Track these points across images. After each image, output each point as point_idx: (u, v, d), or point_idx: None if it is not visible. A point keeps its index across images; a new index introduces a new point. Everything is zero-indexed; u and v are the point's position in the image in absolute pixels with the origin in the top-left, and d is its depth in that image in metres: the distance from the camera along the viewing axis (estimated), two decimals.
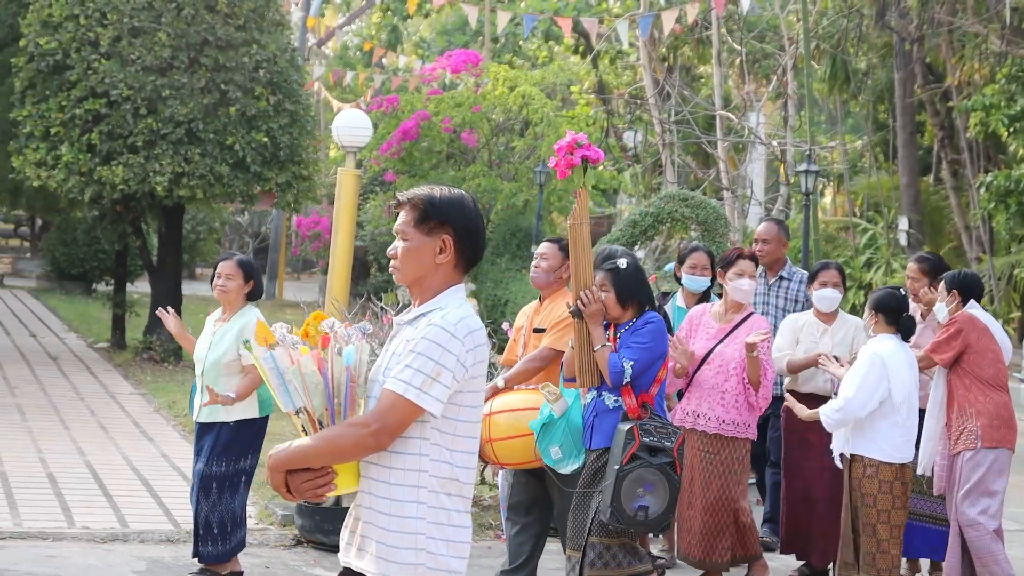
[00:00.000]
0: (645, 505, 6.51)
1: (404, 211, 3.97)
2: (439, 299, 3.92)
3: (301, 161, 17.18)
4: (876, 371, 7.31)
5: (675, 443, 6.57)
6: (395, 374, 3.78)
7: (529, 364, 7.38)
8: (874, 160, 30.39)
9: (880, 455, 7.37)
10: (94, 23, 16.42)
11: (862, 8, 26.53)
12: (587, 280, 6.70)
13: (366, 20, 42.44)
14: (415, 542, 3.81)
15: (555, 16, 28.52)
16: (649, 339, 6.69)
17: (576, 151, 6.65)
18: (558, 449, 6.69)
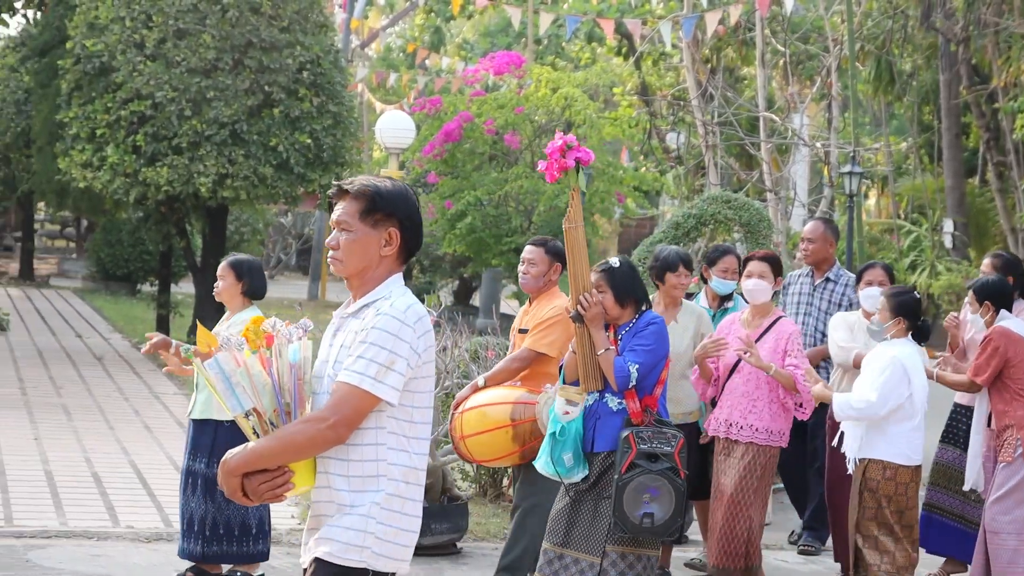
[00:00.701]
0: (651, 512, 6.42)
1: (346, 202, 3.92)
2: (382, 288, 3.91)
3: (344, 162, 17.24)
4: (897, 375, 7.26)
5: (675, 447, 6.48)
6: (348, 366, 3.76)
7: (509, 364, 7.38)
8: (919, 162, 30.19)
9: (900, 458, 7.34)
10: (140, 25, 16.53)
11: (907, 9, 26.37)
12: (586, 283, 6.63)
13: (409, 22, 42.53)
14: (364, 524, 3.79)
15: (598, 17, 28.46)
16: (652, 341, 6.62)
17: (568, 153, 6.56)
18: (571, 456, 6.59)
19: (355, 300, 3.96)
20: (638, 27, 25.37)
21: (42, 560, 7.96)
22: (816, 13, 26.27)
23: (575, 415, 6.57)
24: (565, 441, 6.57)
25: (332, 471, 3.82)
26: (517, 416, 7.04)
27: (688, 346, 8.18)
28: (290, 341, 3.86)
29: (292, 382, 3.81)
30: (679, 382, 8.19)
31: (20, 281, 30.10)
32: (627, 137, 24.70)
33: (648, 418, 6.56)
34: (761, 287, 8.00)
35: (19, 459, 10.63)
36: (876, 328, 7.48)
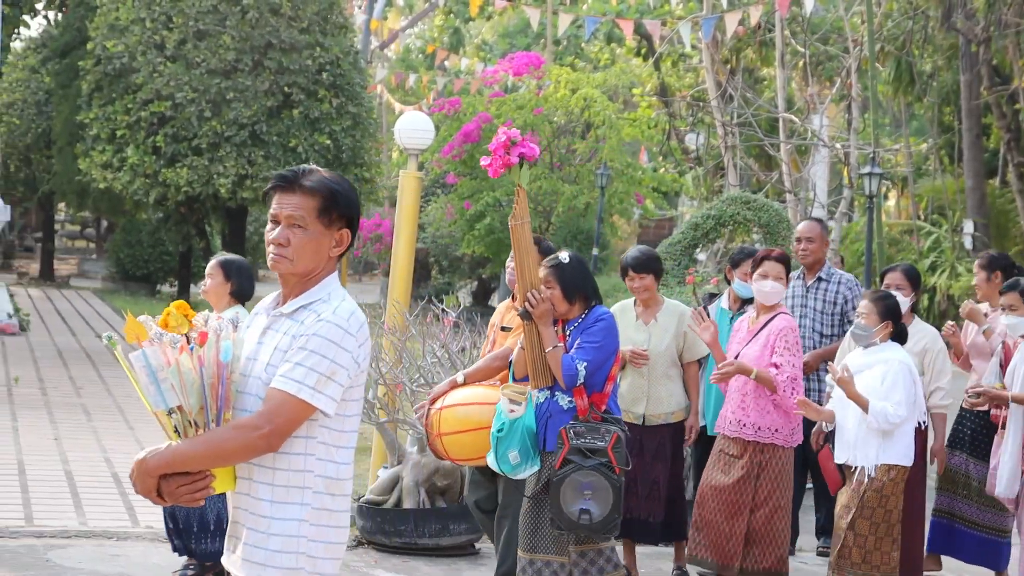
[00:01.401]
0: (587, 509, 6.33)
1: (299, 196, 3.71)
2: (319, 289, 3.70)
3: (363, 163, 17.28)
4: (910, 379, 7.24)
5: (608, 442, 6.36)
6: (286, 372, 3.57)
7: (491, 362, 7.28)
8: (939, 163, 30.11)
9: (904, 459, 7.30)
10: (160, 27, 16.59)
11: (928, 10, 26.30)
12: (533, 280, 6.55)
13: (428, 23, 42.58)
14: (296, 545, 3.63)
15: (617, 18, 28.47)
16: (601, 337, 6.49)
17: (513, 149, 6.50)
18: (516, 454, 6.49)
19: (289, 299, 3.73)
20: (657, 28, 25.35)
21: (62, 560, 7.99)
22: (836, 14, 26.23)
23: (520, 413, 6.48)
24: (511, 438, 6.47)
25: (256, 478, 3.65)
26: None
27: (669, 346, 8.10)
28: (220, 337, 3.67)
29: (221, 381, 3.63)
30: (660, 382, 8.11)
31: (40, 281, 30.20)
32: (646, 138, 24.69)
33: (591, 414, 6.45)
34: (777, 289, 7.89)
35: (39, 459, 10.66)
36: (863, 332, 7.34)
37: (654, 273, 8.13)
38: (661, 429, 8.15)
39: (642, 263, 8.10)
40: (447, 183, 24.04)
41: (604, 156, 22.85)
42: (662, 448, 8.15)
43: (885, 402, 7.20)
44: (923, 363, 7.97)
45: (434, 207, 24.32)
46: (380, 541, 8.79)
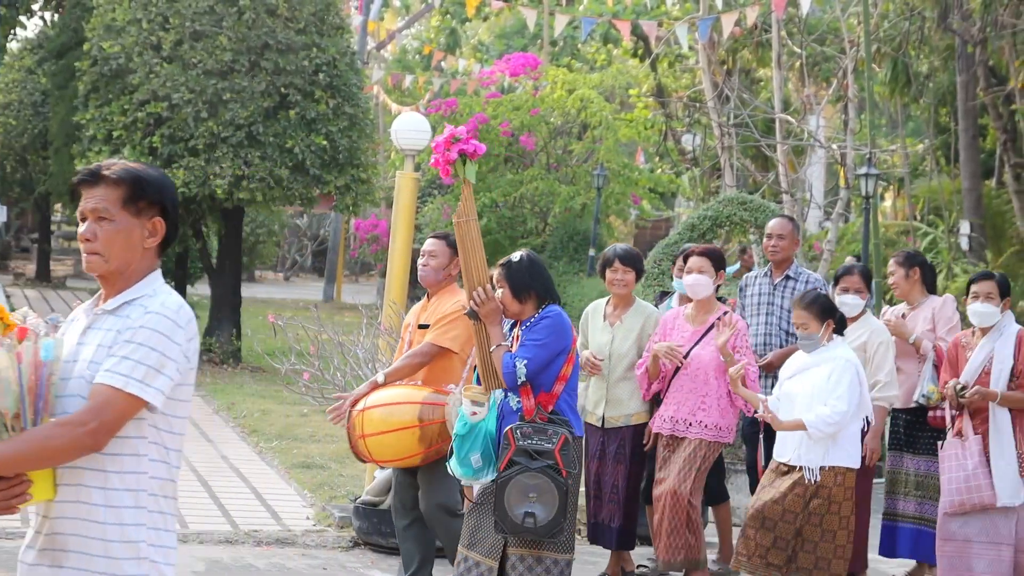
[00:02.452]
0: (532, 512, 6.22)
1: (103, 189, 3.53)
2: (144, 285, 3.56)
3: (360, 164, 17.26)
4: (856, 379, 7.17)
5: (556, 444, 6.25)
6: (111, 367, 3.40)
7: (411, 360, 7.23)
8: (935, 164, 30.12)
9: (851, 462, 7.24)
10: (156, 27, 16.57)
11: (924, 11, 26.31)
12: (480, 278, 6.45)
13: (425, 24, 42.57)
14: (137, 551, 3.44)
15: (614, 19, 28.46)
16: (544, 335, 6.37)
17: (453, 146, 6.48)
18: (479, 457, 6.38)
19: (111, 297, 3.57)
20: (654, 29, 25.35)
21: None
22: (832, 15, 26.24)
23: (483, 415, 6.40)
24: (473, 442, 6.39)
25: (87, 483, 3.42)
26: (426, 417, 6.90)
27: (631, 348, 8.08)
28: (41, 336, 3.52)
29: (40, 382, 3.41)
30: (620, 383, 8.11)
31: (37, 282, 30.18)
32: (643, 139, 24.70)
33: (539, 415, 6.35)
34: (701, 282, 7.89)
35: None
36: (809, 341, 7.27)
37: (637, 271, 8.12)
38: (621, 431, 8.13)
39: (631, 256, 8.11)
40: (444, 184, 24.04)
41: (601, 157, 22.85)
42: (621, 450, 8.13)
43: (818, 409, 7.08)
44: (865, 356, 7.97)
45: (430, 208, 24.31)
46: (376, 542, 8.79)
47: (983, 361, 7.67)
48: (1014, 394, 7.58)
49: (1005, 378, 7.59)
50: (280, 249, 38.81)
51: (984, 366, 7.65)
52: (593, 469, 8.18)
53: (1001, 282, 7.80)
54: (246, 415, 13.73)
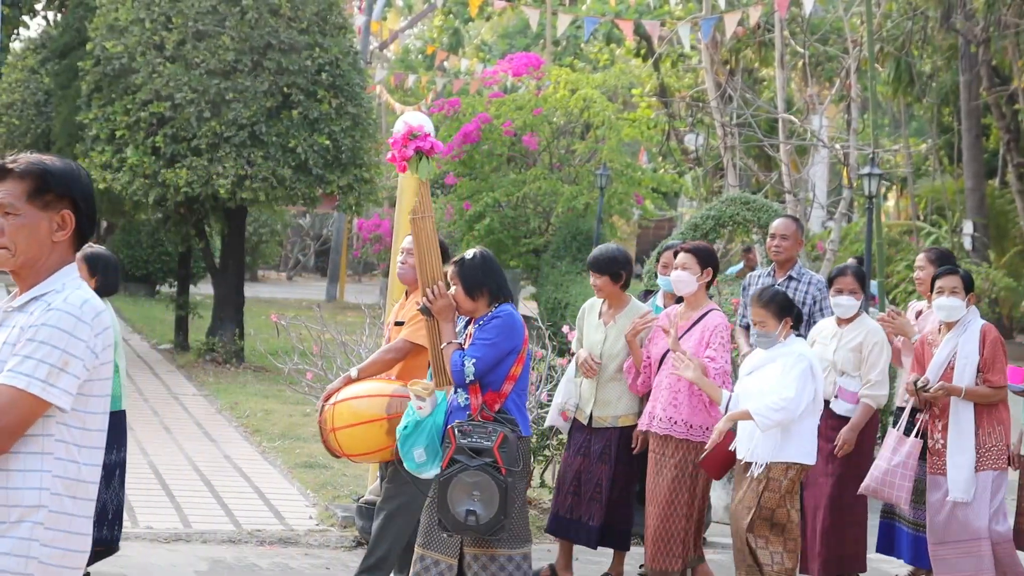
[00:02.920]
0: (474, 510, 6.19)
1: (10, 183, 3.47)
2: (54, 280, 3.47)
3: (363, 164, 17.25)
4: (808, 373, 7.11)
5: (494, 442, 6.25)
6: (13, 367, 3.31)
7: (384, 356, 7.24)
8: (939, 163, 30.11)
9: (803, 458, 7.20)
10: (159, 27, 16.57)
11: (927, 10, 26.30)
12: (434, 275, 6.47)
13: (428, 23, 42.57)
14: (27, 549, 3.35)
15: (616, 19, 28.46)
16: (494, 335, 6.35)
17: (410, 143, 6.50)
18: (422, 452, 6.41)
19: (22, 292, 3.50)
20: (657, 28, 25.35)
21: None
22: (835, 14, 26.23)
23: (427, 411, 6.41)
24: (418, 436, 6.41)
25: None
26: (394, 410, 6.89)
27: (623, 348, 8.09)
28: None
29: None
30: (610, 384, 8.12)
31: None
32: (646, 138, 24.68)
33: (483, 413, 6.34)
34: (683, 278, 7.87)
35: None
36: (767, 339, 7.23)
37: (610, 275, 8.06)
38: (608, 432, 8.12)
39: (599, 263, 8.08)
40: (446, 184, 24.02)
41: (603, 157, 22.84)
42: (607, 450, 8.11)
43: (761, 400, 7.02)
44: (860, 356, 7.97)
45: (434, 207, 24.30)
46: None
47: (947, 357, 7.63)
48: (979, 389, 7.55)
49: (970, 373, 7.56)
50: (283, 249, 38.81)
51: (949, 361, 7.61)
52: (574, 465, 8.18)
53: (965, 277, 7.77)
54: (249, 415, 13.73)
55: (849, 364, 8.00)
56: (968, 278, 7.78)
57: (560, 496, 8.26)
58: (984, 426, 7.53)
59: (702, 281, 7.94)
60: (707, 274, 7.96)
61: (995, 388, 7.57)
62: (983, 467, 7.48)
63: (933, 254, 8.76)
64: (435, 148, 6.61)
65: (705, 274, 7.94)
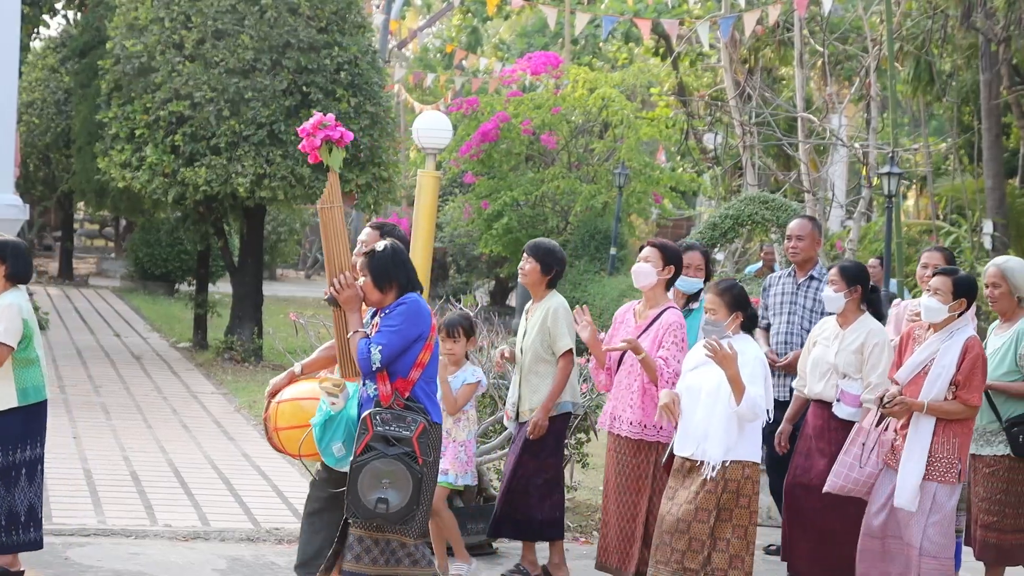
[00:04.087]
0: (385, 498, 6.21)
1: None
2: None
3: (381, 163, 17.26)
4: (765, 372, 7.01)
5: (414, 432, 6.27)
6: None
7: (326, 352, 7.21)
8: (958, 163, 30.00)
9: (756, 456, 7.07)
10: (178, 26, 16.61)
11: (947, 9, 26.20)
12: (342, 265, 6.46)
13: (446, 22, 42.58)
14: None
15: (635, 18, 28.42)
16: (399, 321, 6.36)
17: (319, 132, 6.50)
18: (341, 446, 6.42)
19: None
20: (675, 27, 25.31)
21: (81, 558, 8.01)
22: (855, 13, 26.16)
23: (341, 405, 6.42)
24: (335, 431, 6.42)
25: None
26: None
27: (535, 340, 8.08)
28: None
29: None
30: (528, 377, 8.11)
31: (59, 280, 30.30)
32: (664, 138, 24.65)
33: (396, 401, 6.35)
34: (643, 270, 7.76)
35: (58, 458, 10.69)
36: (714, 328, 7.05)
37: (542, 264, 8.05)
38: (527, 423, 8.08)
39: (537, 249, 8.12)
40: (465, 182, 24.03)
41: (622, 156, 22.81)
42: (520, 440, 8.09)
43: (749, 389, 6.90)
44: (862, 358, 7.81)
45: (452, 206, 24.32)
46: None
47: (924, 360, 7.36)
48: (941, 405, 7.24)
49: (942, 385, 7.26)
50: (301, 247, 38.86)
51: (924, 366, 7.34)
52: (511, 463, 8.20)
53: (959, 282, 7.41)
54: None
55: (851, 367, 7.85)
56: (964, 283, 7.42)
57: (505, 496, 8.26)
58: (939, 436, 7.25)
59: (662, 277, 7.81)
60: (668, 271, 7.83)
61: (966, 407, 7.26)
62: (930, 477, 7.22)
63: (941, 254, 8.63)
64: (345, 138, 6.62)
65: (666, 271, 7.82)
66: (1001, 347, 7.91)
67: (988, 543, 7.80)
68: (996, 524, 7.76)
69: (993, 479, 7.78)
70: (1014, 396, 7.77)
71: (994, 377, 7.77)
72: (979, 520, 7.83)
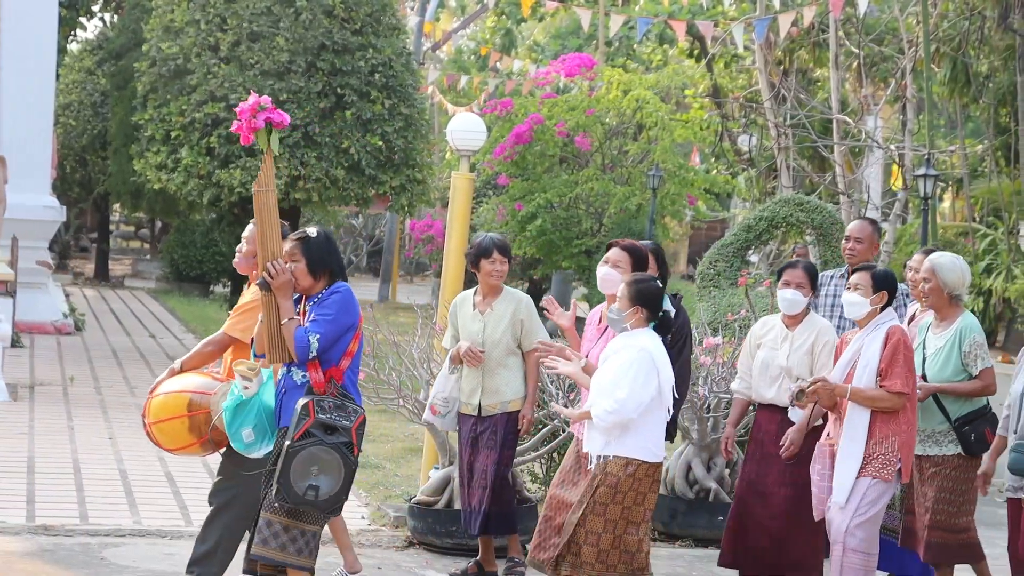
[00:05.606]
0: (316, 485, 6.20)
1: None
2: None
3: (415, 164, 17.30)
4: (647, 368, 6.80)
5: (354, 423, 6.27)
6: None
7: (203, 348, 7.16)
8: (995, 164, 29.81)
9: (646, 454, 6.88)
10: (214, 28, 16.69)
11: (984, 10, 26.06)
12: (275, 251, 6.43)
13: (480, 24, 42.63)
14: None
15: (669, 19, 28.38)
16: (334, 310, 6.37)
17: (259, 114, 6.44)
18: (251, 431, 6.41)
19: None
20: (710, 29, 25.26)
21: (116, 558, 8.05)
22: (891, 15, 26.06)
23: (254, 390, 6.41)
24: (246, 416, 6.40)
25: None
26: (194, 405, 6.84)
27: (504, 334, 8.03)
28: None
29: None
30: (496, 372, 8.05)
31: (96, 282, 30.47)
32: (698, 139, 24.61)
33: (332, 389, 6.36)
34: (612, 277, 7.52)
35: (94, 458, 10.75)
36: (615, 317, 6.94)
37: (511, 261, 8.11)
38: (494, 418, 8.07)
39: (503, 248, 8.10)
40: (499, 184, 24.04)
41: (656, 157, 22.78)
42: (493, 435, 8.06)
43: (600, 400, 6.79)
44: (811, 359, 7.64)
45: (486, 208, 24.33)
46: (431, 542, 8.80)
47: (851, 358, 7.22)
48: (863, 391, 7.08)
49: (869, 376, 7.10)
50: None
51: (853, 363, 7.20)
52: (465, 457, 8.16)
53: (878, 275, 7.28)
54: None
55: (804, 369, 7.63)
56: (881, 277, 7.27)
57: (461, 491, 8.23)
58: (876, 434, 7.09)
59: None
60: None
61: (892, 394, 7.08)
62: (863, 473, 7.07)
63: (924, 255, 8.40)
64: (284, 121, 6.53)
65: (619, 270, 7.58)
66: (944, 347, 7.73)
67: (934, 543, 7.61)
68: (943, 523, 7.59)
69: (940, 479, 7.60)
70: (963, 396, 7.61)
71: (940, 379, 7.64)
72: (925, 521, 7.64)
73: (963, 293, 7.82)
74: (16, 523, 8.73)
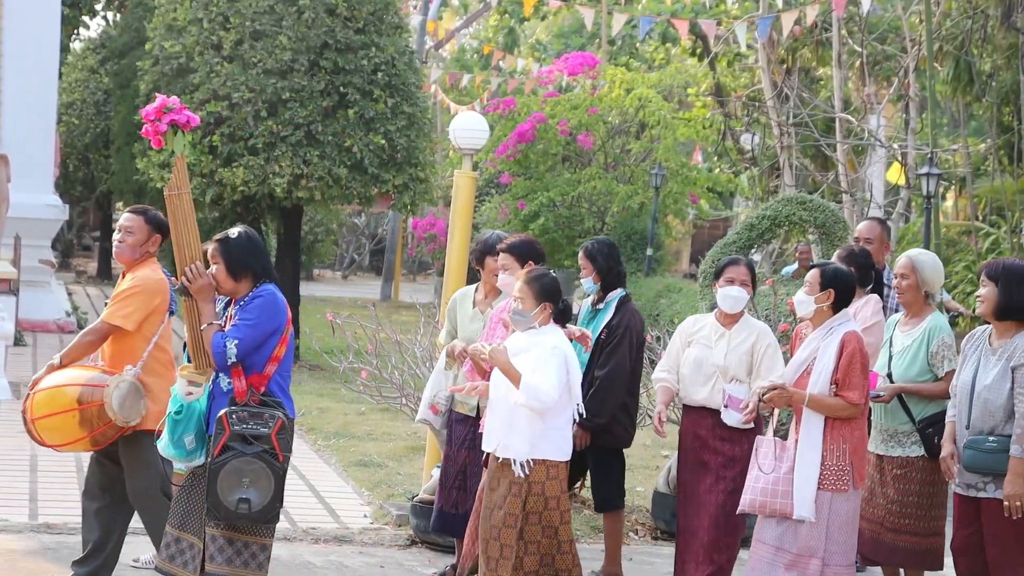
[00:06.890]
0: (247, 498, 6.05)
1: None
2: None
3: (418, 163, 17.28)
4: (563, 366, 6.73)
5: (272, 428, 6.10)
6: None
7: (83, 339, 7.06)
8: (998, 163, 29.80)
9: (561, 455, 6.83)
10: (217, 27, 16.68)
11: (987, 9, 26.04)
12: (192, 254, 6.28)
13: (483, 23, 42.63)
14: None
15: (672, 18, 28.38)
16: (255, 315, 6.19)
17: (164, 116, 6.31)
18: (192, 438, 6.24)
19: None
20: (713, 27, 25.25)
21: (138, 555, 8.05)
22: (894, 13, 26.04)
23: (198, 395, 6.24)
24: (187, 422, 6.23)
25: None
26: (85, 399, 6.75)
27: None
28: None
29: None
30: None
31: (98, 280, 30.49)
32: (701, 138, 24.61)
33: (252, 398, 6.19)
34: (507, 280, 7.52)
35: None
36: (521, 318, 6.85)
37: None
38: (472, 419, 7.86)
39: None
40: (501, 183, 24.05)
41: (659, 156, 22.79)
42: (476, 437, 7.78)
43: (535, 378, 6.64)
44: (752, 360, 7.52)
45: (488, 207, 24.34)
46: (433, 540, 8.80)
47: (806, 359, 7.05)
48: (824, 399, 6.91)
49: (824, 381, 6.93)
50: (338, 248, 38.99)
51: (807, 365, 7.03)
52: (459, 460, 7.94)
53: (826, 273, 7.07)
54: (304, 413, 13.79)
55: (742, 370, 7.51)
56: (833, 275, 7.05)
57: (444, 492, 8.00)
58: (827, 442, 6.93)
59: None
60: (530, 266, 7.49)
61: (848, 404, 6.89)
62: (823, 487, 6.89)
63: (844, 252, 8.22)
64: (191, 122, 6.40)
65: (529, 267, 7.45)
66: (911, 345, 7.66)
67: (898, 547, 7.52)
68: (908, 527, 7.51)
69: (905, 481, 7.53)
70: (927, 396, 7.52)
71: (906, 378, 7.56)
72: (885, 523, 7.57)
73: (936, 293, 7.79)
74: (19, 521, 8.75)
